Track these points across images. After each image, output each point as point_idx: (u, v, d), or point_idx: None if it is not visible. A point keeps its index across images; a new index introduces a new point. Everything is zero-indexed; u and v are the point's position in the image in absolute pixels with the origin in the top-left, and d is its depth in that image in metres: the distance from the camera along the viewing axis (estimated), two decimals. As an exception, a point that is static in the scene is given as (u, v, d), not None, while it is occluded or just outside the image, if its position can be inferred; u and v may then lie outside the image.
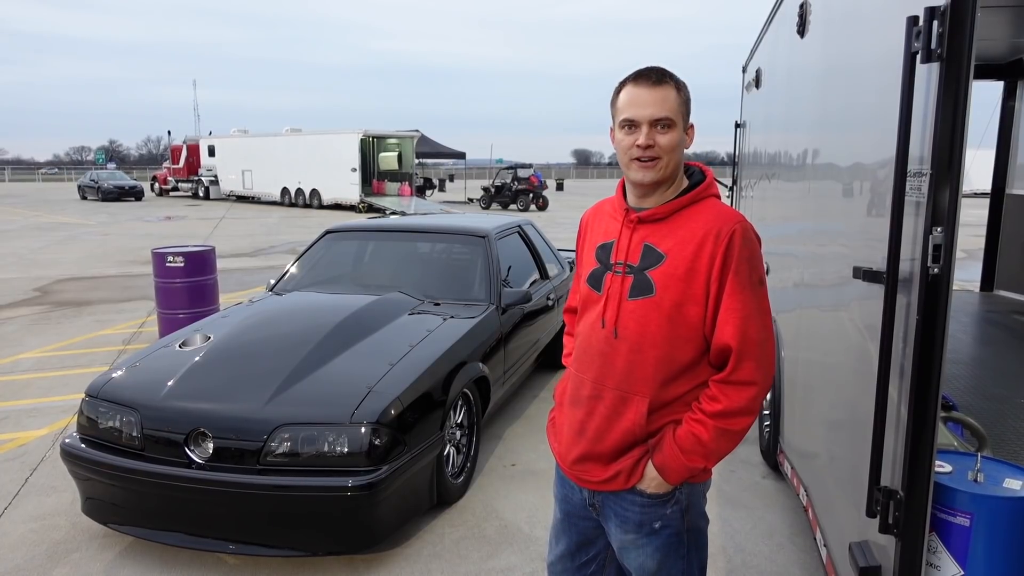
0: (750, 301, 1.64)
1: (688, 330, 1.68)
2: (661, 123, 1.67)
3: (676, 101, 1.68)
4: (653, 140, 1.67)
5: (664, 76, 1.68)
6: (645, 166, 1.69)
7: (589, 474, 1.80)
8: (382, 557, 3.25)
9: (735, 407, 1.65)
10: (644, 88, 1.67)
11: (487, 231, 5.15)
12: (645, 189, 1.74)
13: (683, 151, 1.72)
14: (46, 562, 3.21)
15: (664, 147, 1.67)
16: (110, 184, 32.01)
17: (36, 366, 6.25)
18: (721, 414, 1.65)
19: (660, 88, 1.67)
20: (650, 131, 1.67)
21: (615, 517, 1.80)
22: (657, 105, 1.66)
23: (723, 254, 1.63)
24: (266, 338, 3.75)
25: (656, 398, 1.70)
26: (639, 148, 1.67)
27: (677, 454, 1.68)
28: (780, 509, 3.72)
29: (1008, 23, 4.87)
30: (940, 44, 1.66)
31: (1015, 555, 1.92)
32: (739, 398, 1.65)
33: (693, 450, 1.67)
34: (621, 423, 1.73)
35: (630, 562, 1.81)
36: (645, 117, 1.67)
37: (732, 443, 1.69)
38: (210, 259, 6.82)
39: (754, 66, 5.67)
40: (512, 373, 4.78)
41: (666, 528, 1.76)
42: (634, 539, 1.78)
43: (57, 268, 12.00)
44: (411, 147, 28.67)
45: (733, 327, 1.63)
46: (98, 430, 3.27)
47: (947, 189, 1.68)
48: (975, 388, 3.80)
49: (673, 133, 1.67)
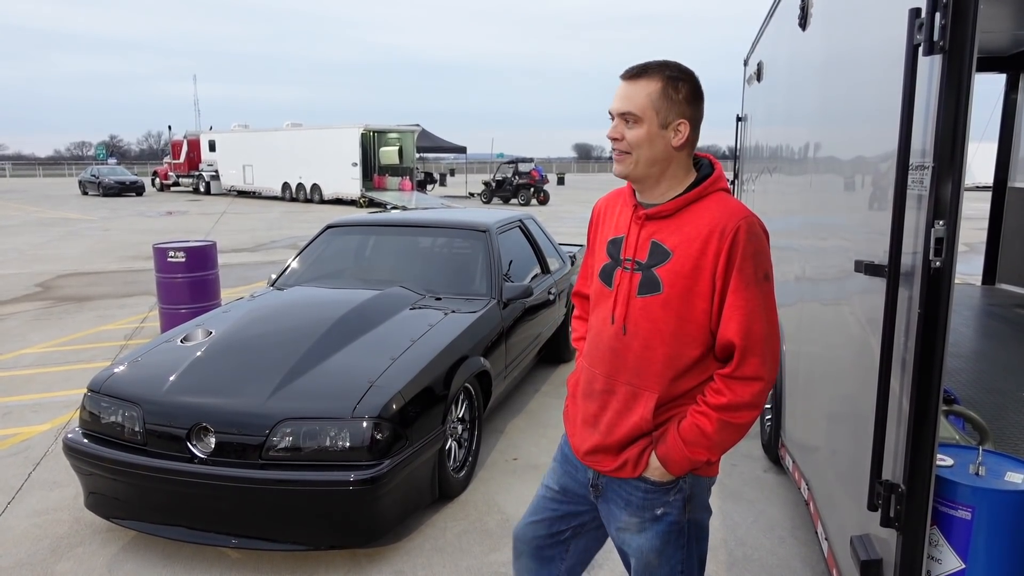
0: (755, 297, 1.63)
1: (695, 327, 1.68)
2: (627, 117, 1.67)
3: (650, 96, 1.64)
4: (620, 134, 1.69)
5: (648, 70, 1.66)
6: (617, 158, 1.73)
7: (600, 464, 1.83)
8: (384, 551, 3.26)
9: (740, 401, 1.65)
10: (623, 80, 1.69)
11: (488, 225, 5.14)
12: (632, 182, 1.76)
13: (663, 150, 1.68)
14: (49, 556, 3.22)
15: (630, 142, 1.68)
16: (111, 179, 32.01)
17: (38, 361, 6.27)
18: (726, 407, 1.65)
19: (635, 83, 1.67)
20: (618, 124, 1.69)
21: (619, 499, 1.81)
22: (623, 100, 1.67)
23: (728, 250, 1.62)
24: (268, 333, 3.75)
25: (665, 393, 1.72)
26: (610, 139, 1.72)
27: (680, 446, 1.69)
28: (781, 503, 3.73)
29: (1011, 16, 4.85)
30: (943, 36, 1.65)
31: (1016, 548, 1.92)
32: (744, 393, 1.65)
33: (696, 442, 1.68)
34: (631, 417, 1.75)
35: (629, 546, 1.82)
36: (614, 109, 1.70)
37: (736, 436, 1.70)
38: (211, 254, 6.83)
39: (755, 59, 5.65)
40: (513, 367, 4.78)
41: (667, 515, 1.76)
42: (636, 523, 1.79)
43: (58, 263, 12.01)
44: (412, 142, 28.62)
45: (737, 323, 1.63)
46: (100, 425, 3.28)
47: (949, 182, 1.68)
48: (977, 381, 3.80)
49: (638, 129, 1.66)
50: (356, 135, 25.49)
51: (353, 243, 5.39)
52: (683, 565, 1.80)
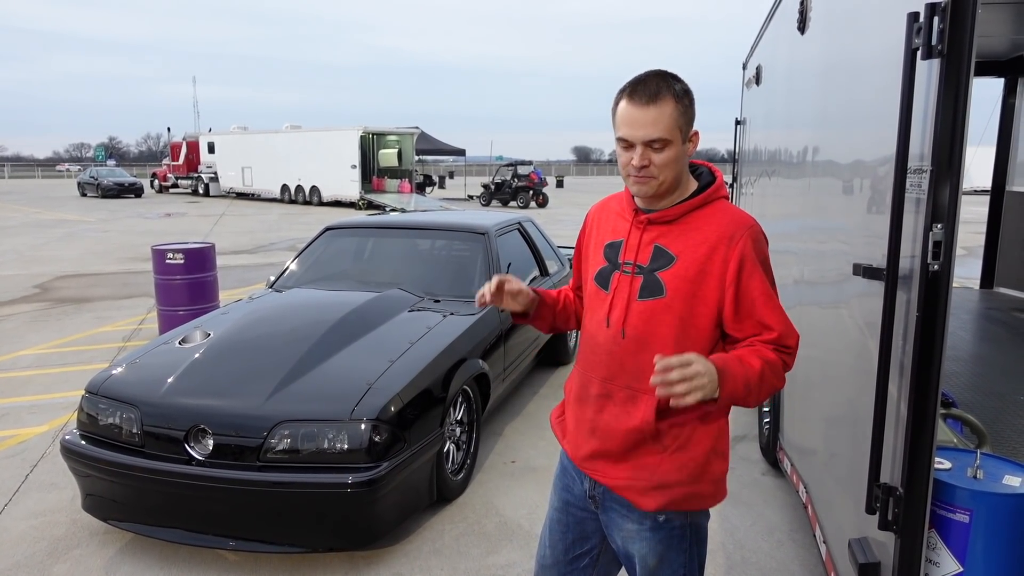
0: (779, 303, 1.68)
1: (697, 331, 1.68)
2: (655, 143, 1.63)
3: (672, 117, 1.62)
4: (648, 160, 1.64)
5: (660, 91, 1.62)
6: (640, 181, 1.68)
7: (601, 474, 1.80)
8: (382, 553, 3.26)
9: (785, 360, 1.67)
10: (638, 108, 1.62)
11: (487, 228, 5.15)
12: (646, 200, 1.75)
13: (686, 160, 1.70)
14: (47, 559, 3.22)
15: (659, 165, 1.65)
16: (110, 181, 31.96)
17: (36, 363, 6.26)
18: (777, 348, 1.65)
19: (654, 106, 1.61)
20: (644, 151, 1.64)
21: (620, 507, 1.80)
22: (650, 127, 1.61)
23: (738, 259, 1.64)
24: (266, 335, 3.75)
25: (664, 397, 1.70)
26: (634, 167, 1.66)
27: (737, 363, 1.59)
28: (780, 506, 3.73)
29: (1009, 20, 4.86)
30: (941, 40, 1.66)
31: (1014, 552, 1.92)
32: (788, 358, 1.68)
33: (752, 365, 1.60)
34: (630, 421, 1.73)
35: (631, 553, 1.82)
36: (639, 139, 1.63)
37: (768, 387, 1.63)
38: (210, 256, 6.82)
39: (754, 63, 5.66)
40: (512, 370, 4.78)
41: (669, 521, 1.76)
42: (638, 529, 1.78)
43: (57, 265, 11.99)
44: (411, 144, 28.64)
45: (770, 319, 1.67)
46: (98, 427, 3.27)
47: (947, 186, 1.68)
48: (975, 385, 3.80)
49: (669, 151, 1.64)
50: (355, 137, 25.50)
51: (352, 245, 5.39)
52: (685, 569, 1.80)
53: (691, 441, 1.73)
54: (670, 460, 1.72)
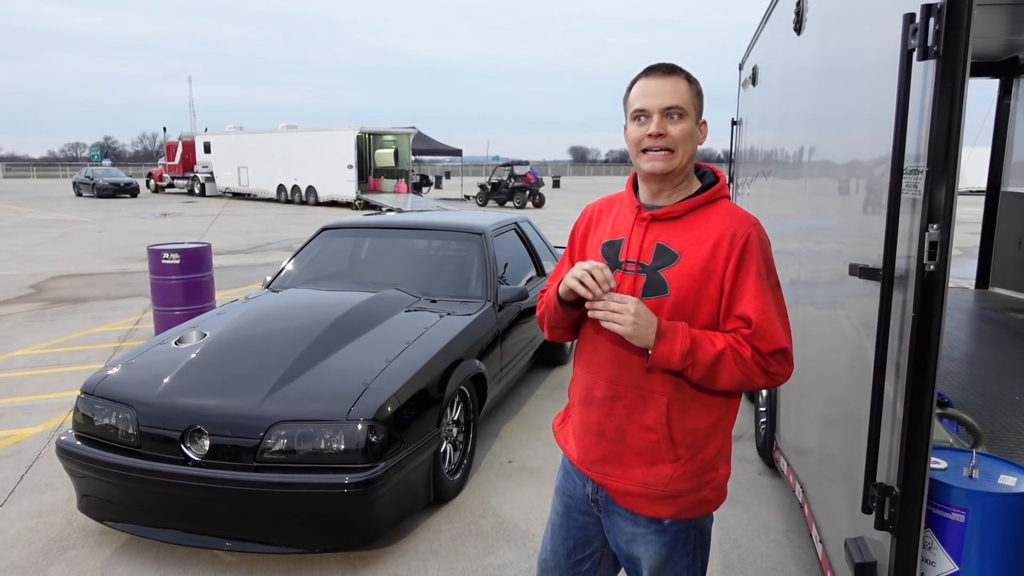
0: (770, 303, 1.64)
1: (700, 329, 1.67)
2: (673, 111, 1.65)
3: (688, 92, 1.67)
4: (664, 129, 1.65)
5: (675, 69, 1.69)
6: (655, 156, 1.67)
7: (611, 477, 1.77)
8: (378, 554, 3.25)
9: (770, 368, 1.63)
10: (655, 79, 1.67)
11: (483, 228, 5.15)
12: (657, 182, 1.72)
13: (696, 146, 1.71)
14: (42, 559, 3.21)
15: (676, 137, 1.65)
16: (105, 181, 31.88)
17: (31, 363, 6.24)
18: (760, 353, 1.61)
19: (671, 79, 1.67)
20: (661, 120, 1.65)
21: (624, 511, 1.79)
22: (668, 94, 1.65)
23: (738, 256, 1.63)
24: (262, 335, 3.75)
25: (674, 394, 1.69)
26: (650, 138, 1.66)
27: (686, 335, 1.60)
28: (776, 505, 3.73)
29: (1004, 21, 4.88)
30: (936, 41, 1.66)
31: (1010, 551, 1.93)
32: (775, 366, 1.63)
33: (702, 347, 1.60)
34: (643, 421, 1.71)
35: (636, 556, 1.81)
36: (656, 106, 1.65)
37: (729, 375, 1.61)
38: (206, 256, 6.81)
39: (751, 63, 5.67)
40: (509, 370, 4.78)
41: (674, 524, 1.76)
42: (642, 533, 1.78)
43: (52, 265, 11.96)
44: (407, 144, 28.61)
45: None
46: (94, 427, 3.26)
47: (943, 186, 1.68)
48: (970, 385, 3.81)
49: (685, 123, 1.66)
50: (352, 137, 25.47)
51: (348, 245, 5.38)
52: (688, 571, 1.80)
53: (703, 449, 1.72)
54: (683, 470, 1.71)
